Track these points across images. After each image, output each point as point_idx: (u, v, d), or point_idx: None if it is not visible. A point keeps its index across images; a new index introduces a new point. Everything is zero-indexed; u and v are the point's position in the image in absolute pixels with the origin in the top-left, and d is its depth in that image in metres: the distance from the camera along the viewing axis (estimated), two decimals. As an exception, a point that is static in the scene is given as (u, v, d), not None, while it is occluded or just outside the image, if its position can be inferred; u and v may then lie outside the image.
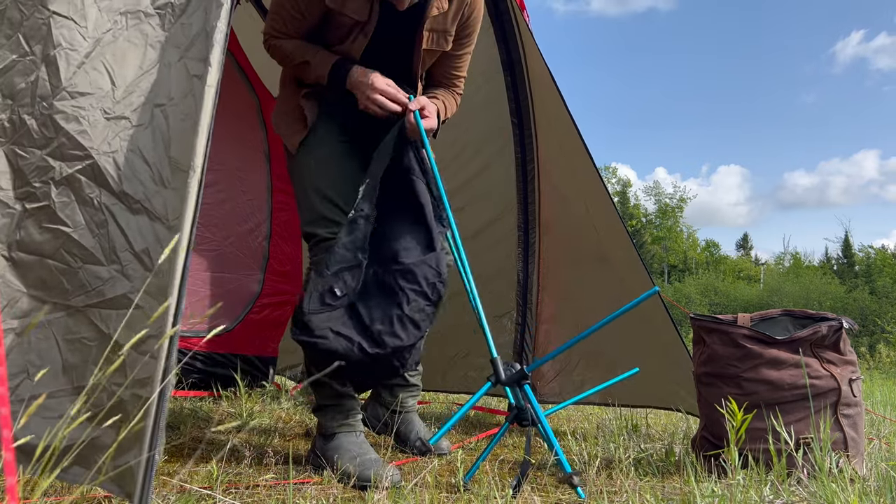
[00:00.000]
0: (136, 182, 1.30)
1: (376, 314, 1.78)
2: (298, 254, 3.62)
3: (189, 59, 1.34)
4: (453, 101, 2.28)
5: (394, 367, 1.81)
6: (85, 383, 1.25)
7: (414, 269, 1.79)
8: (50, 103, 1.33)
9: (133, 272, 1.27)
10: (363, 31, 2.03)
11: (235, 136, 3.40)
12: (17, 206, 1.32)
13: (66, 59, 1.34)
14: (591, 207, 2.99)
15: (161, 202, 1.28)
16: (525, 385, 1.69)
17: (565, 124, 2.82)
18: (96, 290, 1.29)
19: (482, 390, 1.71)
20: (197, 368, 3.27)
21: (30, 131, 1.33)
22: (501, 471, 2.04)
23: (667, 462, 2.08)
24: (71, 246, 1.31)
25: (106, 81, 1.35)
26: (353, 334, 1.76)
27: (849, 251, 36.63)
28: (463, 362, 3.30)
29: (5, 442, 0.74)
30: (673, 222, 39.73)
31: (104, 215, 1.30)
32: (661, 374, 2.92)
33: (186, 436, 2.34)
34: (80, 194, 1.32)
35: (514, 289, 3.29)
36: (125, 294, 1.27)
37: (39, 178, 1.32)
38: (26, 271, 1.31)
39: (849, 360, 1.96)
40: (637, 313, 2.92)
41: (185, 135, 1.28)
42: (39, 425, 1.21)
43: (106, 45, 1.36)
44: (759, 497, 1.49)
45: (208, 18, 1.33)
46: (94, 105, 1.33)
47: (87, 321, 1.28)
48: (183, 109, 1.31)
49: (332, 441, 1.95)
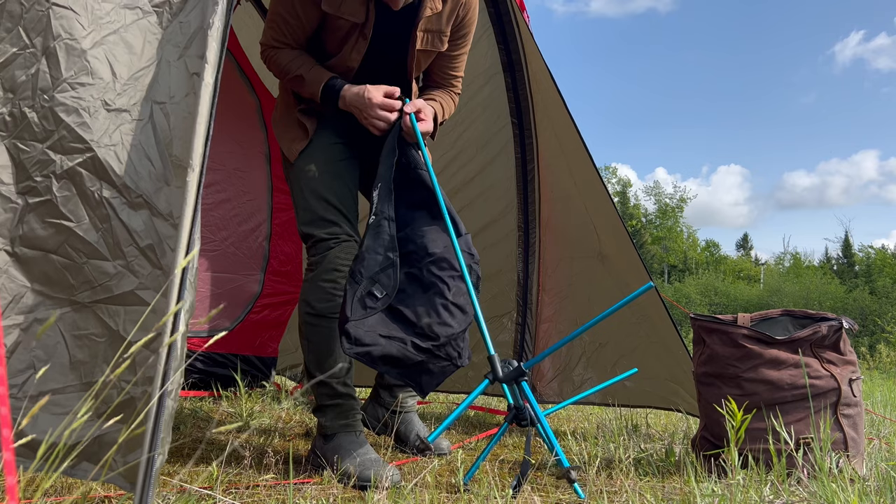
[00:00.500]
0: (136, 177, 1.30)
1: (421, 310, 1.77)
2: (299, 254, 3.62)
3: (189, 57, 1.34)
4: (451, 102, 2.27)
5: (451, 357, 1.78)
6: (94, 380, 1.25)
7: (446, 255, 1.79)
8: (51, 95, 1.32)
9: (140, 268, 1.27)
10: (362, 33, 2.04)
11: (235, 136, 3.40)
12: (20, 201, 1.32)
13: (67, 49, 1.34)
14: (590, 207, 2.99)
15: (164, 200, 1.28)
16: (523, 382, 1.69)
17: (565, 124, 2.82)
18: (103, 286, 1.28)
19: (480, 387, 1.70)
20: (197, 368, 3.27)
21: (31, 125, 1.32)
22: (501, 471, 2.04)
23: (667, 462, 2.08)
24: (74, 241, 1.30)
25: (107, 72, 1.34)
26: (404, 335, 1.74)
27: (849, 251, 36.65)
28: (463, 362, 3.30)
29: (5, 442, 0.74)
30: (673, 222, 39.75)
31: (106, 209, 1.30)
32: (661, 374, 2.93)
33: (186, 436, 2.34)
34: (82, 188, 1.31)
35: (514, 289, 3.29)
36: (133, 290, 1.26)
37: (41, 172, 1.32)
38: (30, 266, 1.31)
39: (849, 360, 1.96)
40: (637, 314, 2.93)
41: (187, 133, 1.28)
42: (48, 422, 1.21)
43: (107, 36, 1.36)
44: (759, 497, 1.49)
45: (205, 16, 1.33)
46: (94, 96, 1.33)
47: (94, 317, 1.28)
48: (185, 108, 1.31)
49: (332, 441, 1.95)
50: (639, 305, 2.91)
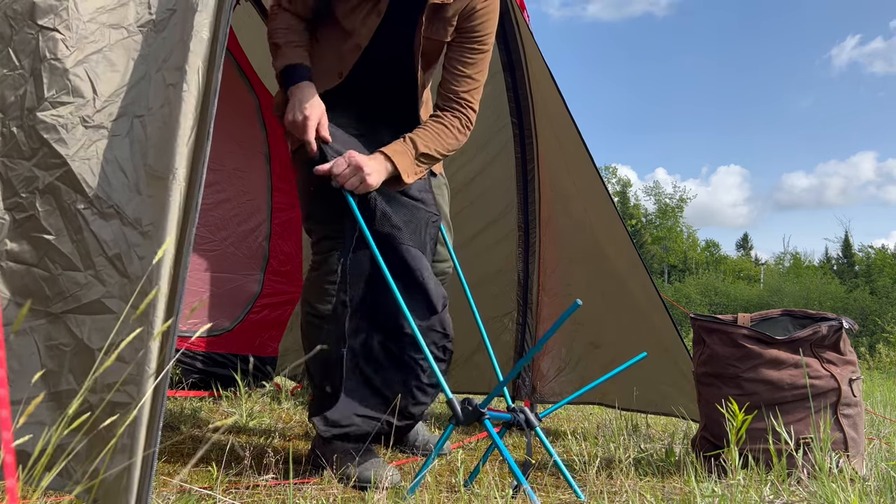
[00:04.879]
0: (108, 188, 1.33)
1: (396, 387, 1.79)
2: (298, 254, 3.62)
3: (166, 70, 1.37)
4: (445, 130, 1.99)
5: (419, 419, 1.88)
6: (60, 389, 1.27)
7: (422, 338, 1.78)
8: (34, 115, 1.36)
9: (108, 277, 1.29)
10: (376, 8, 1.94)
11: (235, 136, 3.40)
12: (7, 217, 1.35)
13: (50, 69, 1.38)
14: (590, 207, 2.99)
15: (133, 208, 1.30)
16: (485, 420, 1.69)
17: (565, 124, 2.82)
18: (73, 296, 1.31)
19: (446, 433, 1.71)
20: (197, 368, 3.27)
21: (18, 143, 1.36)
22: (501, 471, 2.04)
23: (667, 462, 2.07)
24: (52, 253, 1.33)
25: (88, 90, 1.38)
26: (380, 413, 1.78)
27: (849, 251, 36.65)
28: (466, 363, 3.30)
29: (5, 443, 0.74)
30: (673, 222, 39.74)
31: (79, 221, 1.33)
32: (661, 378, 2.92)
33: (186, 436, 2.34)
34: (60, 201, 1.34)
35: (514, 289, 3.29)
36: (99, 299, 1.28)
37: (27, 189, 1.35)
38: (14, 280, 1.34)
39: (849, 360, 1.96)
40: (637, 314, 2.93)
41: (163, 143, 1.30)
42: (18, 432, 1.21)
43: (90, 55, 1.39)
44: (759, 497, 1.49)
45: (185, 28, 1.36)
46: (73, 113, 1.36)
47: (64, 327, 1.30)
48: (160, 118, 1.33)
49: (332, 441, 1.94)
50: (639, 307, 2.91)
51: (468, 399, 1.70)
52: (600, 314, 3.00)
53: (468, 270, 3.32)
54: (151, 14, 1.42)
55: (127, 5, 1.43)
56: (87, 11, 1.40)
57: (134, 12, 1.42)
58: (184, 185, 1.26)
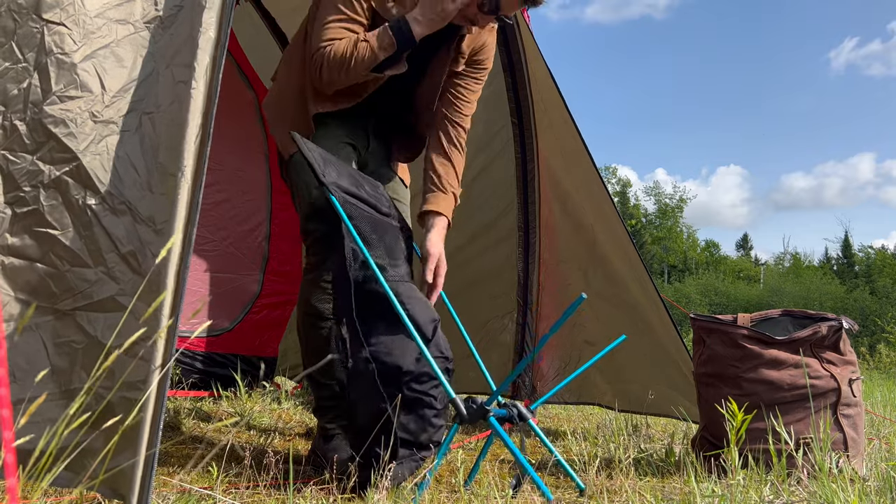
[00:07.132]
0: (120, 184, 1.32)
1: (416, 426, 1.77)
2: (298, 254, 3.61)
3: (175, 66, 1.37)
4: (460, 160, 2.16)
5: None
6: (72, 387, 1.26)
7: (423, 368, 1.76)
8: (41, 108, 1.35)
9: (121, 274, 1.28)
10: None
11: (235, 136, 3.40)
12: (7, 211, 1.34)
13: (58, 64, 1.37)
14: (590, 207, 2.99)
15: (147, 206, 1.29)
16: (490, 418, 1.69)
17: (566, 124, 2.82)
18: (83, 293, 1.30)
19: (451, 433, 1.70)
20: (197, 368, 3.27)
21: (21, 137, 1.35)
22: (501, 471, 2.04)
23: (667, 462, 2.08)
24: (58, 249, 1.32)
25: (96, 85, 1.37)
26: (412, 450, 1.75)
27: (849, 251, 36.63)
28: (465, 363, 3.29)
29: (6, 443, 0.74)
30: (673, 222, 39.72)
31: (88, 216, 1.32)
32: (661, 381, 2.92)
33: (187, 436, 2.34)
34: (67, 197, 1.33)
35: (514, 289, 3.29)
36: (112, 296, 1.27)
37: (29, 183, 1.34)
38: (16, 276, 1.32)
39: (849, 361, 1.96)
40: (637, 314, 2.93)
41: (173, 140, 1.30)
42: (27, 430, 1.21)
43: (98, 50, 1.38)
44: (759, 497, 1.49)
45: (194, 25, 1.36)
46: (82, 108, 1.36)
47: (74, 324, 1.29)
48: (169, 116, 1.33)
49: (332, 441, 1.94)
50: (639, 308, 2.91)
51: (471, 398, 1.70)
52: (600, 315, 3.00)
53: (468, 270, 3.33)
54: (158, 10, 1.42)
55: (133, 1, 1.42)
56: (93, 7, 1.40)
57: (141, 8, 1.42)
58: (190, 182, 1.26)
